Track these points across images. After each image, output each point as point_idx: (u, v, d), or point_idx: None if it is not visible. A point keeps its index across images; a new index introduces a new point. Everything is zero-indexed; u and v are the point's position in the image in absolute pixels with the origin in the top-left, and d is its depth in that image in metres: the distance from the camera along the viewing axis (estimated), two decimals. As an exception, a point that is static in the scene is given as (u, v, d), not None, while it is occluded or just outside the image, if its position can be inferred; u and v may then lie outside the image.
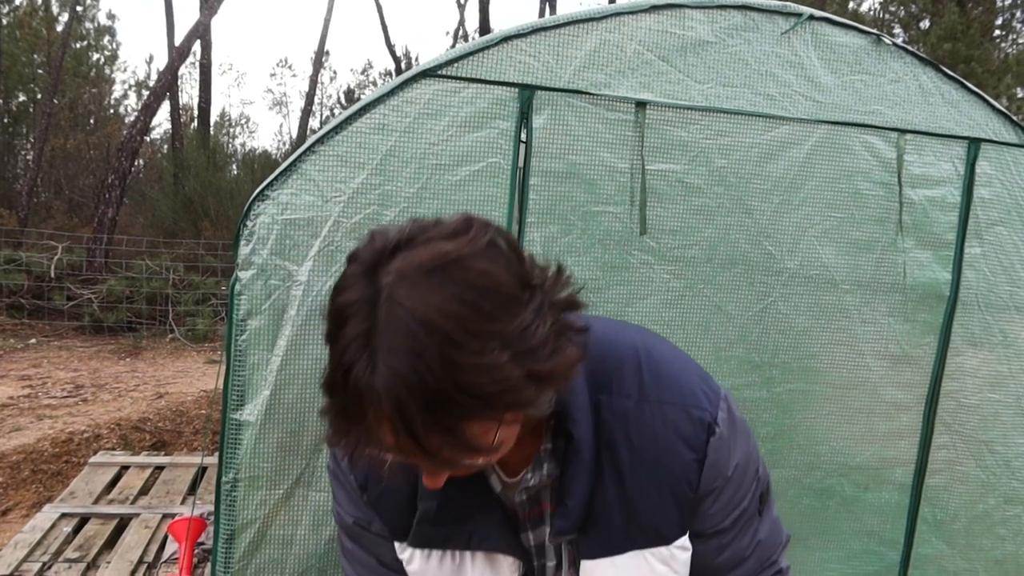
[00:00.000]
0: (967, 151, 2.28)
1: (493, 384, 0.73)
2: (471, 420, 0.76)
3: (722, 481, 0.99)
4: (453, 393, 0.72)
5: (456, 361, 0.72)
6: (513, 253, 0.82)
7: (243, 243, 1.80)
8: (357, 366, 0.73)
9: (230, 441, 1.84)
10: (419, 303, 0.73)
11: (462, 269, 0.75)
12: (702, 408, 0.97)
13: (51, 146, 15.58)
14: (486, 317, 0.74)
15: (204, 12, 12.43)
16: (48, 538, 3.58)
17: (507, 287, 0.77)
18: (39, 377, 7.34)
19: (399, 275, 0.75)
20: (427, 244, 0.77)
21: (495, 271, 0.77)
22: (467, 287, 0.74)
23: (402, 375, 0.71)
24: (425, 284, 0.74)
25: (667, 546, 0.98)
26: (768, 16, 2.10)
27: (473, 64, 1.90)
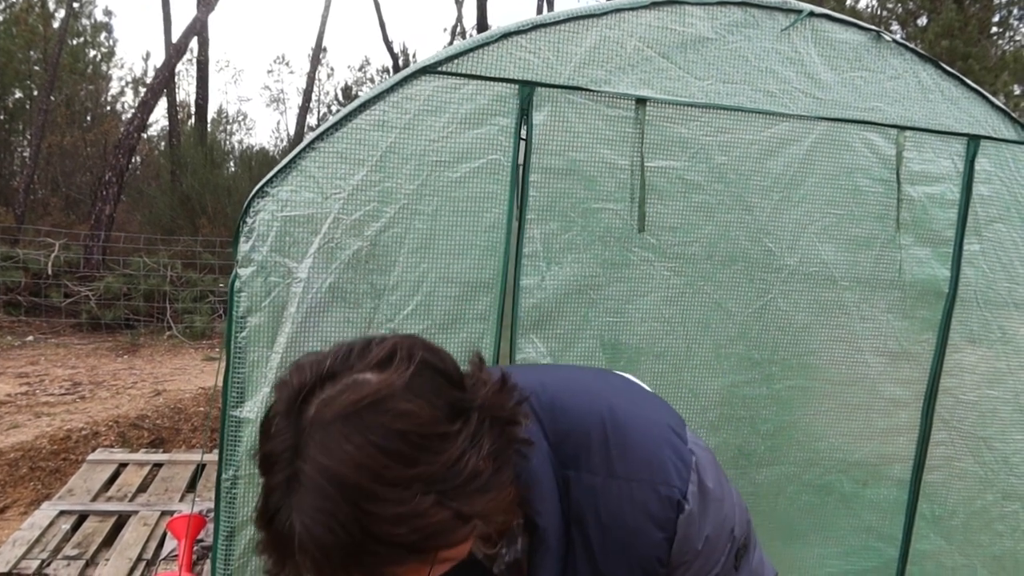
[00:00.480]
0: (966, 148, 2.28)
1: (415, 532, 0.72)
2: (397, 565, 0.74)
3: (693, 554, 0.97)
4: (371, 545, 0.71)
5: (373, 514, 0.70)
6: (443, 378, 0.80)
7: (243, 240, 1.79)
8: (279, 516, 0.73)
9: (230, 438, 1.83)
10: (331, 458, 0.71)
11: (380, 412, 0.73)
12: (671, 485, 0.94)
13: (48, 143, 15.54)
14: (406, 462, 0.72)
15: (201, 9, 12.39)
16: (47, 535, 3.58)
17: (431, 425, 0.74)
18: (37, 375, 7.33)
19: (317, 423, 0.73)
20: (347, 382, 0.76)
21: (417, 410, 0.74)
22: (385, 433, 0.72)
23: (315, 535, 0.71)
24: (340, 434, 0.72)
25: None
26: (768, 12, 2.09)
27: (473, 61, 1.90)
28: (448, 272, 1.94)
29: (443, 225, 1.92)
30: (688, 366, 2.20)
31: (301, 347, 1.84)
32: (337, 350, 0.80)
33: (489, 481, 0.78)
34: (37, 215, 14.12)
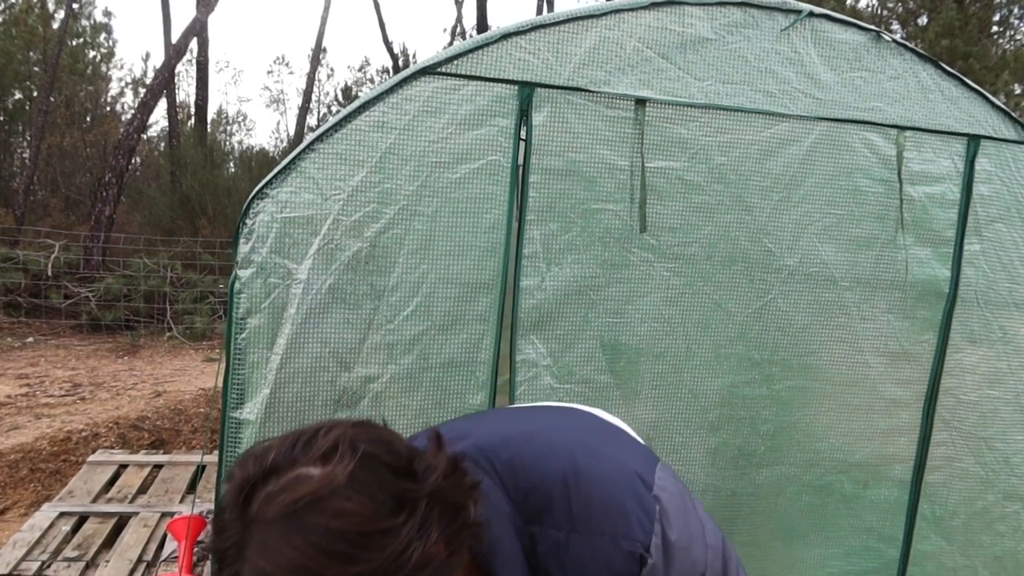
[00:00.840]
0: (967, 148, 2.28)
1: None
2: None
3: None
4: None
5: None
6: (388, 469, 0.79)
7: (242, 241, 1.79)
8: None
9: (230, 439, 1.83)
10: (269, 561, 0.72)
11: (318, 512, 0.73)
12: (633, 539, 0.93)
13: (47, 144, 15.54)
14: (345, 561, 0.72)
15: (201, 9, 12.39)
16: (47, 537, 3.57)
17: (372, 521, 0.75)
18: (37, 376, 7.33)
19: (258, 522, 0.74)
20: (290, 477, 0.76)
21: (357, 508, 0.75)
22: (323, 533, 0.72)
23: None
24: (279, 535, 0.73)
25: None
26: (768, 13, 2.09)
27: (473, 61, 1.90)
28: (448, 273, 1.94)
29: (443, 226, 1.92)
30: (688, 367, 2.19)
31: (301, 348, 1.84)
32: (283, 440, 0.80)
33: (440, 567, 0.78)
34: (37, 216, 14.12)
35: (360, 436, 0.81)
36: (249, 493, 0.76)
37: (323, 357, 1.87)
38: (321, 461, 0.77)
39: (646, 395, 2.17)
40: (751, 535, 2.35)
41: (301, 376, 1.86)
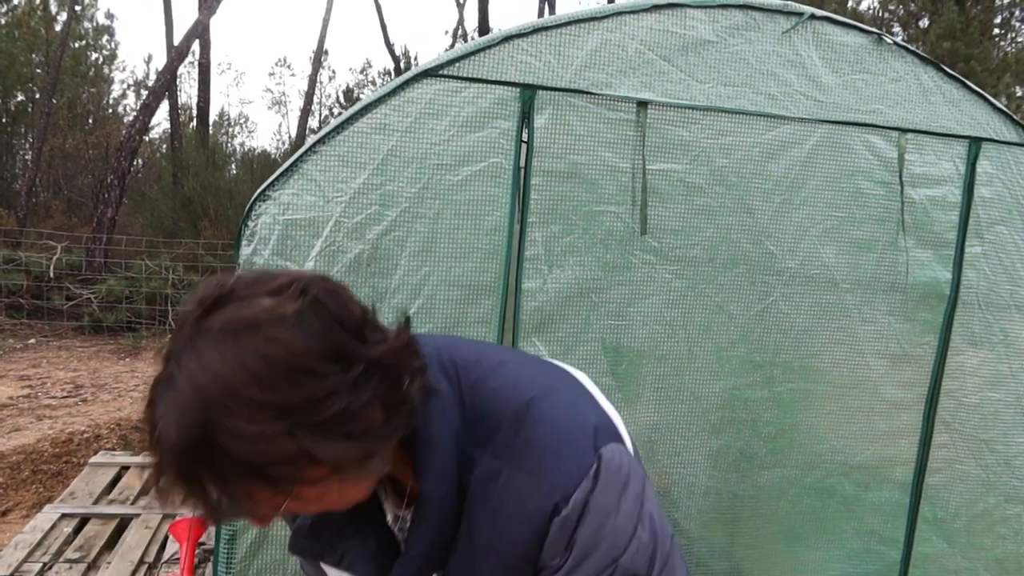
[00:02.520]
0: (968, 150, 2.28)
1: (257, 455, 0.74)
2: (245, 484, 0.76)
3: (559, 560, 0.94)
4: (216, 455, 0.73)
5: (219, 424, 0.73)
6: (336, 322, 0.81)
7: (244, 243, 1.80)
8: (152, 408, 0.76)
9: (232, 441, 1.83)
10: (198, 367, 0.75)
11: (255, 335, 0.76)
12: (555, 485, 0.92)
13: (50, 146, 15.57)
14: (263, 386, 0.74)
15: (203, 11, 12.41)
16: (48, 538, 3.57)
17: (302, 358, 0.76)
18: (38, 377, 7.34)
19: (202, 333, 0.77)
20: (241, 302, 0.79)
21: (292, 341, 0.77)
22: (252, 353, 0.75)
23: (166, 430, 0.74)
24: (214, 347, 0.75)
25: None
26: (769, 15, 2.10)
27: (474, 64, 1.90)
28: (450, 275, 1.94)
29: (445, 228, 1.92)
30: (690, 369, 2.19)
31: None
32: (248, 272, 0.83)
33: (360, 431, 0.79)
34: (39, 218, 14.14)
35: (317, 284, 0.82)
36: (206, 309, 0.78)
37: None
38: (274, 294, 0.80)
39: (648, 397, 2.17)
40: (753, 537, 2.35)
41: (303, 378, 1.86)
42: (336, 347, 0.79)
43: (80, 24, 18.68)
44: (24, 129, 17.97)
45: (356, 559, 1.00)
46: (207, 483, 0.75)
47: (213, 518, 0.81)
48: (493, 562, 0.95)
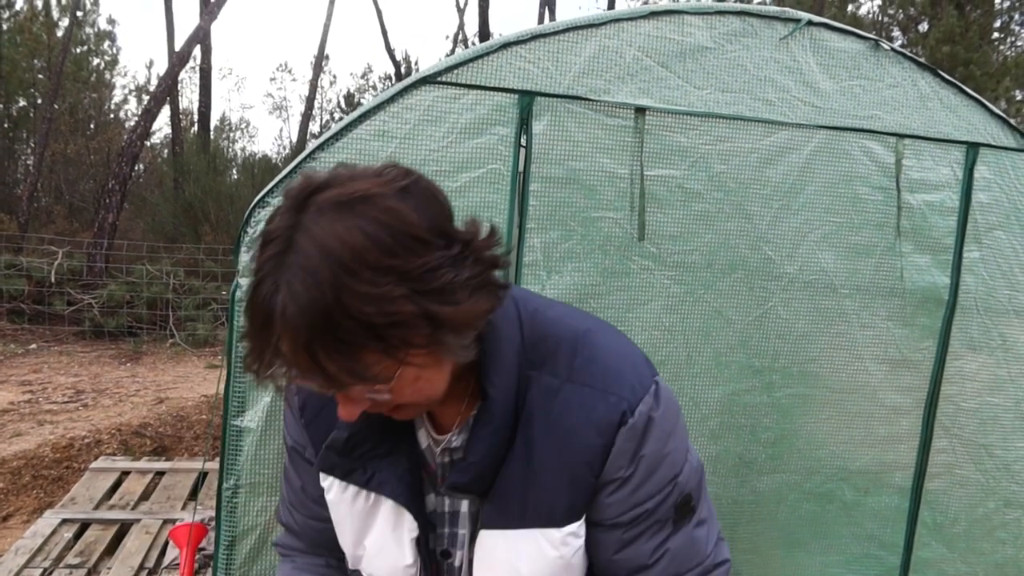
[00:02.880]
0: (965, 155, 2.29)
1: (381, 315, 0.77)
2: (364, 349, 0.79)
3: (625, 472, 0.98)
4: (342, 318, 0.76)
5: (347, 286, 0.76)
6: (435, 203, 0.86)
7: (244, 250, 1.80)
8: (263, 286, 0.78)
9: (231, 447, 1.84)
10: (323, 230, 0.77)
11: (370, 205, 0.79)
12: (621, 396, 0.98)
13: (51, 151, 15.59)
14: (384, 251, 0.78)
15: (204, 17, 12.44)
16: (49, 544, 3.58)
17: (414, 228, 0.80)
18: (40, 382, 7.34)
19: (316, 207, 0.79)
20: (344, 183, 0.82)
21: (404, 211, 0.80)
22: (370, 221, 0.78)
23: (295, 293, 0.76)
24: (333, 215, 0.78)
25: (559, 529, 0.99)
26: (767, 22, 2.10)
27: (473, 70, 1.91)
28: (448, 281, 1.94)
29: (443, 234, 1.92)
30: (689, 374, 2.20)
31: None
32: (339, 165, 0.87)
33: (463, 301, 0.83)
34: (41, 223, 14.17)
35: (420, 174, 0.87)
36: (310, 193, 0.81)
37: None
38: (375, 176, 0.84)
39: (646, 402, 2.17)
40: (752, 543, 2.35)
41: (302, 384, 1.86)
42: (439, 223, 0.84)
43: (82, 30, 18.72)
44: (26, 134, 18.00)
45: (386, 479, 1.02)
46: (327, 348, 0.78)
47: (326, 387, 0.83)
48: (554, 471, 0.97)
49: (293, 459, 1.17)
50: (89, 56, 19.64)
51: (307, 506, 1.17)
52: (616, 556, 1.03)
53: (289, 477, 1.20)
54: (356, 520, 1.06)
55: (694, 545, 1.05)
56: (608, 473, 0.98)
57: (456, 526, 1.06)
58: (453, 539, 1.07)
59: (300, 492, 1.17)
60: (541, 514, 0.98)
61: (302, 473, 1.15)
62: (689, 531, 1.05)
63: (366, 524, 1.06)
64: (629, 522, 1.01)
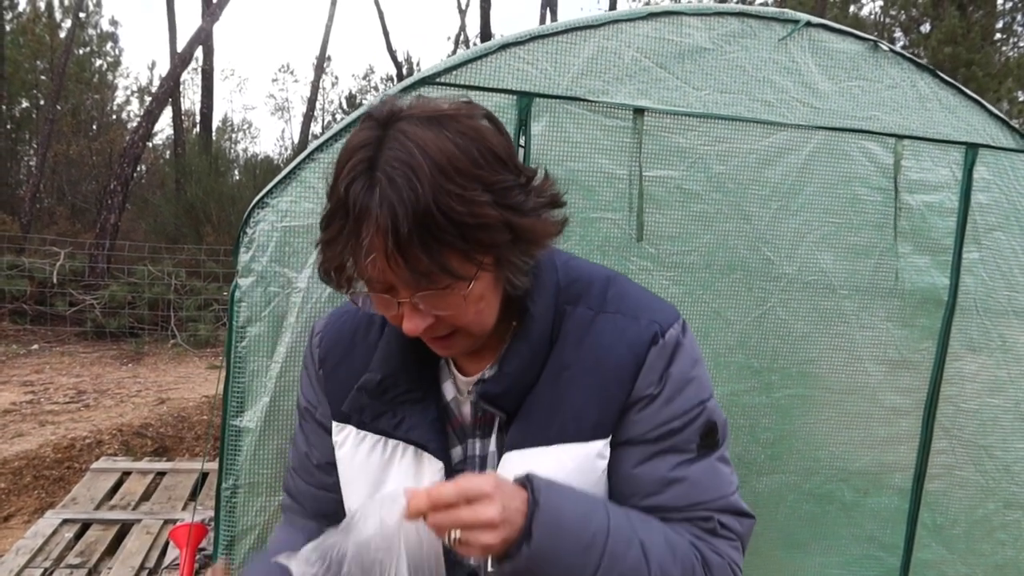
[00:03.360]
0: (964, 156, 2.29)
1: (471, 216, 0.83)
2: (451, 248, 0.85)
3: (654, 389, 1.02)
4: (437, 215, 0.81)
5: (443, 187, 0.81)
6: (507, 135, 0.94)
7: (243, 250, 1.81)
8: (356, 184, 0.83)
9: (230, 447, 1.84)
10: (419, 136, 0.83)
11: (458, 123, 0.87)
12: (651, 319, 1.04)
13: (54, 152, 15.63)
14: (473, 162, 0.84)
15: (206, 19, 12.47)
16: (50, 544, 3.59)
17: (495, 148, 0.88)
18: (41, 383, 7.36)
19: (405, 120, 0.86)
20: (431, 103, 0.89)
21: (487, 131, 0.89)
22: (460, 135, 0.85)
23: (397, 186, 0.80)
24: (426, 126, 0.85)
25: (584, 443, 1.01)
26: (765, 23, 2.11)
27: (472, 71, 1.91)
28: (447, 282, 1.95)
29: (442, 235, 1.93)
30: (687, 375, 2.19)
31: (300, 357, 1.85)
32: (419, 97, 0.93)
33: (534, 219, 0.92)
34: (43, 224, 14.20)
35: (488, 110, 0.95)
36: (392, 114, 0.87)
37: (323, 365, 1.88)
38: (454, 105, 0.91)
39: (645, 403, 2.17)
40: (751, 543, 2.33)
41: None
42: (511, 152, 0.92)
43: (84, 31, 18.76)
44: (28, 135, 18.04)
45: (416, 424, 1.05)
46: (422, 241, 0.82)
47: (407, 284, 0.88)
48: (584, 388, 1.01)
49: (304, 421, 1.20)
50: (92, 57, 19.70)
51: (311, 472, 1.19)
52: (636, 470, 1.04)
53: (297, 442, 1.22)
54: (371, 473, 1.07)
55: (717, 476, 1.09)
56: (638, 390, 1.02)
57: (485, 469, 1.07)
58: None
59: (305, 458, 1.20)
60: (567, 430, 1.01)
61: (310, 435, 1.18)
62: (712, 462, 1.08)
63: (381, 477, 1.07)
64: (655, 439, 1.03)
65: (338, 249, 0.87)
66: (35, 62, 17.44)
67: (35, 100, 17.83)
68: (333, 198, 0.87)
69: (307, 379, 1.20)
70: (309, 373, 1.19)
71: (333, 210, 0.87)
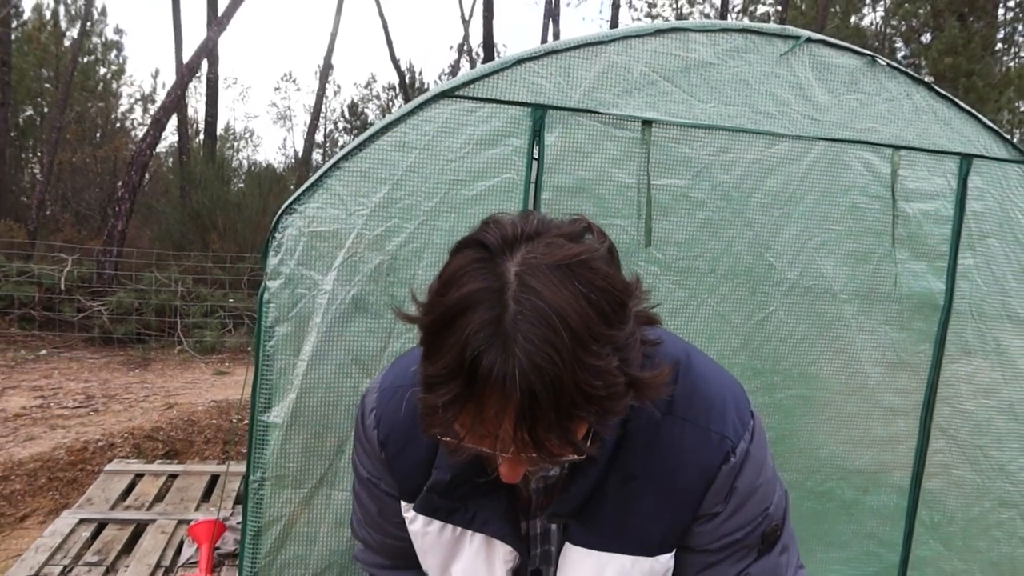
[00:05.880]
0: (959, 166, 2.38)
1: (604, 388, 0.74)
2: (580, 421, 0.76)
3: (720, 507, 0.99)
4: (576, 394, 0.73)
5: (581, 360, 0.72)
6: (618, 265, 0.84)
7: (271, 254, 1.90)
8: (488, 355, 0.71)
9: (258, 442, 1.93)
10: (553, 298, 0.72)
11: (590, 271, 0.76)
12: (724, 435, 0.97)
13: (59, 160, 15.75)
14: (606, 321, 0.75)
15: (213, 29, 12.59)
16: (68, 543, 3.66)
17: (623, 294, 0.79)
18: (51, 388, 7.43)
19: (529, 267, 0.74)
20: (551, 241, 0.78)
21: (615, 277, 0.79)
22: (593, 288, 0.75)
23: (540, 368, 0.70)
24: (556, 279, 0.73)
25: (649, 558, 0.99)
26: (767, 39, 2.20)
27: (488, 85, 2.01)
28: (464, 285, 2.03)
29: (460, 240, 2.01)
30: (693, 375, 2.28)
31: (326, 356, 1.94)
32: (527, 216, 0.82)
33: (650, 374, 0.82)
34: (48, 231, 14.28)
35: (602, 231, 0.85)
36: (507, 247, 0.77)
37: (346, 364, 1.97)
38: (576, 237, 0.80)
39: (653, 402, 2.25)
40: (754, 539, 2.43)
41: (325, 382, 1.96)
42: (627, 288, 0.81)
43: (89, 40, 18.90)
44: (33, 143, 18.15)
45: (490, 518, 1.02)
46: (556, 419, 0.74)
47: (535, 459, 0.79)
48: (652, 503, 0.98)
49: (367, 488, 1.14)
50: (96, 66, 19.81)
51: (383, 528, 1.16)
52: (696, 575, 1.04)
53: (363, 501, 1.17)
54: (442, 549, 1.07)
55: (776, 571, 1.06)
56: (705, 507, 0.99)
57: (548, 543, 1.07)
58: (546, 557, 1.08)
59: (376, 516, 1.16)
60: (634, 541, 0.99)
61: (377, 501, 1.14)
62: (774, 558, 1.05)
63: (452, 553, 1.07)
64: (716, 549, 1.02)
65: (449, 415, 0.76)
66: (40, 70, 17.57)
67: (39, 108, 17.96)
68: (446, 357, 0.74)
69: (364, 453, 1.12)
70: (367, 450, 1.11)
71: (448, 373, 0.74)
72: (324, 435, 1.98)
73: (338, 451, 2.00)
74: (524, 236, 0.78)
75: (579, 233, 0.81)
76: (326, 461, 1.99)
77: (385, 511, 1.13)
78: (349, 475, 1.97)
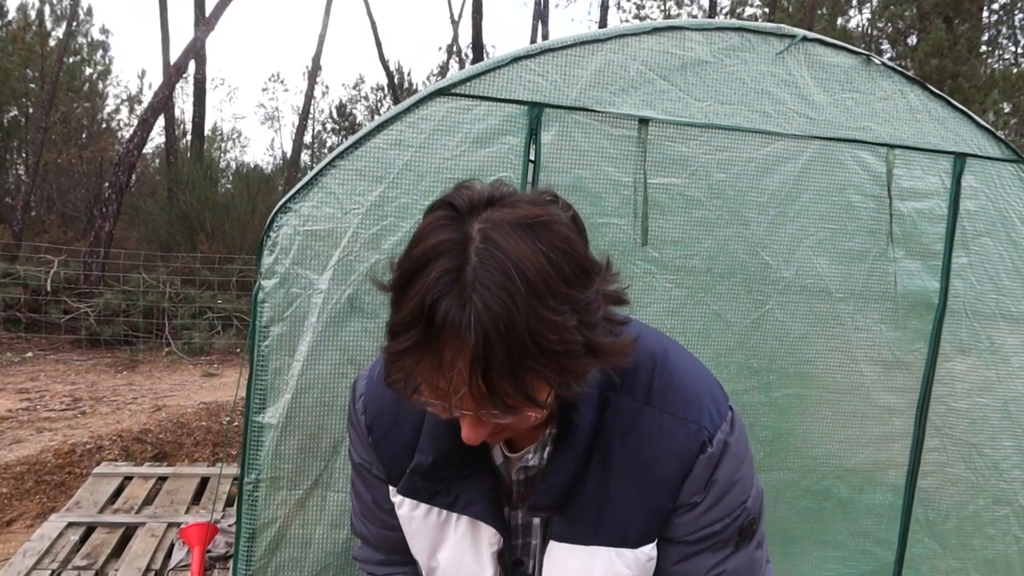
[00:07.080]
0: (953, 165, 2.39)
1: (560, 343, 0.77)
2: (535, 374, 0.78)
3: (699, 497, 1.00)
4: (531, 345, 0.75)
5: (538, 314, 0.75)
6: (586, 235, 0.87)
7: (266, 253, 1.88)
8: (446, 301, 0.74)
9: (252, 443, 1.91)
10: (513, 250, 0.75)
11: (550, 231, 0.79)
12: (701, 425, 0.98)
13: (44, 160, 15.61)
14: (565, 280, 0.78)
15: (201, 29, 12.52)
16: (56, 546, 3.62)
17: (583, 259, 0.81)
18: (37, 390, 7.36)
19: (492, 223, 0.78)
20: (517, 204, 0.81)
21: (577, 242, 0.82)
22: (553, 248, 0.78)
23: (495, 312, 0.73)
24: (518, 236, 0.77)
25: (632, 549, 1.01)
26: (763, 37, 2.20)
27: (485, 83, 2.00)
28: (460, 284, 2.02)
29: (456, 239, 2.00)
30: (689, 375, 2.27)
31: (321, 356, 1.92)
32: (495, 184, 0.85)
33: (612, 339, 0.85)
34: (34, 232, 14.16)
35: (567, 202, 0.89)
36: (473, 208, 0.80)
37: (342, 364, 1.95)
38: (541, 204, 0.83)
39: (649, 402, 2.24)
40: (750, 538, 2.43)
41: (321, 382, 1.94)
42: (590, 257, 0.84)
43: (75, 40, 18.75)
44: (18, 143, 17.99)
45: (472, 499, 1.04)
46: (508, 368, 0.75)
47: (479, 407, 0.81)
48: (631, 494, 0.99)
49: (361, 475, 1.17)
50: (82, 66, 19.65)
51: (379, 517, 1.18)
52: (675, 567, 1.05)
53: (358, 491, 1.20)
54: (429, 534, 1.08)
55: (751, 566, 1.08)
56: (683, 497, 1.00)
57: (529, 536, 1.09)
58: (526, 548, 1.09)
59: (371, 504, 1.18)
60: (615, 534, 1.00)
61: (371, 488, 1.17)
62: (749, 552, 1.07)
63: (439, 538, 1.08)
64: (694, 541, 1.03)
65: (409, 362, 0.78)
66: (25, 70, 17.41)
67: (24, 108, 17.79)
68: (408, 305, 0.77)
69: (356, 438, 1.16)
70: (358, 433, 1.14)
71: (409, 319, 0.77)
72: (319, 436, 1.96)
73: (334, 452, 1.98)
74: (491, 200, 0.81)
75: (544, 202, 0.85)
76: (321, 462, 1.97)
77: (379, 499, 1.16)
78: (345, 477, 1.96)
